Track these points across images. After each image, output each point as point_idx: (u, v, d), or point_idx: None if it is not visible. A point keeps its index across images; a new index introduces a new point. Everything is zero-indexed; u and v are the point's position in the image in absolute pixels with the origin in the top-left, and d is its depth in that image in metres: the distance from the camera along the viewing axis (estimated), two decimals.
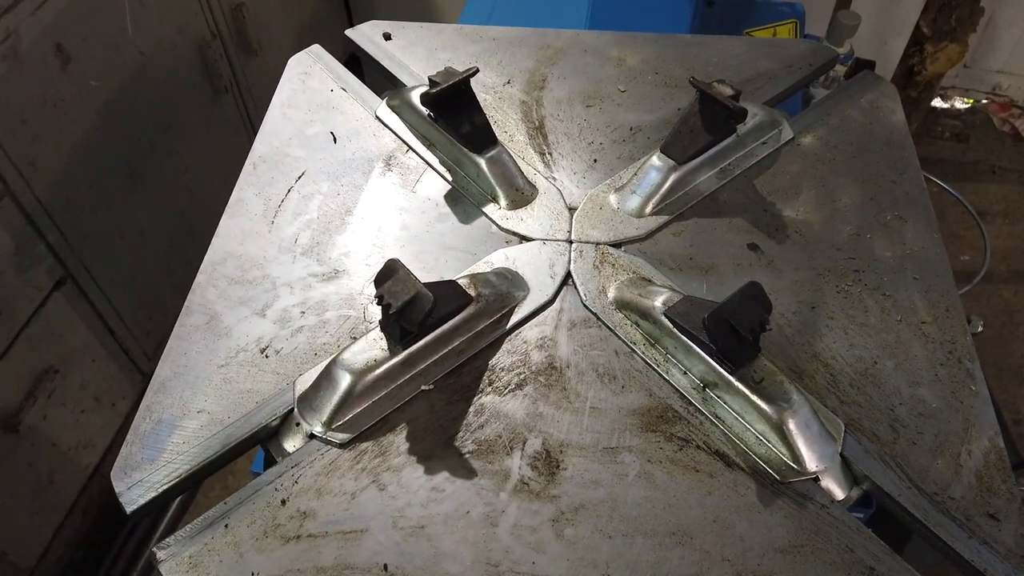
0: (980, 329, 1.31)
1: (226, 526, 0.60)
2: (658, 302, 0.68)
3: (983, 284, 2.13)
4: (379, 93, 0.90)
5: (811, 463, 0.61)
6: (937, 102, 2.50)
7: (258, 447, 0.67)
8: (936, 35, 2.05)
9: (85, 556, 1.75)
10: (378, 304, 0.62)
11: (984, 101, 2.48)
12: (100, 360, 1.61)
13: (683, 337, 0.65)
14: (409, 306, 0.61)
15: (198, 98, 1.75)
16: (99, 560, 1.75)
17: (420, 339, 0.65)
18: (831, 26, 1.32)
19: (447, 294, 0.67)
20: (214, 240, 0.77)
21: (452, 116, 0.79)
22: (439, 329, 0.66)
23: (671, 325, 0.66)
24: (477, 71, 0.77)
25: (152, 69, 1.58)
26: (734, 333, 0.60)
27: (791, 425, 0.61)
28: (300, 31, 2.09)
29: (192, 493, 1.85)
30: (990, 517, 0.59)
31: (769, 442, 0.62)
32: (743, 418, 0.63)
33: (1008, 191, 2.31)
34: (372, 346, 0.65)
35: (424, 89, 0.80)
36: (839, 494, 0.61)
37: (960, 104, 2.50)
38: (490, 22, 1.27)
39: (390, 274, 0.63)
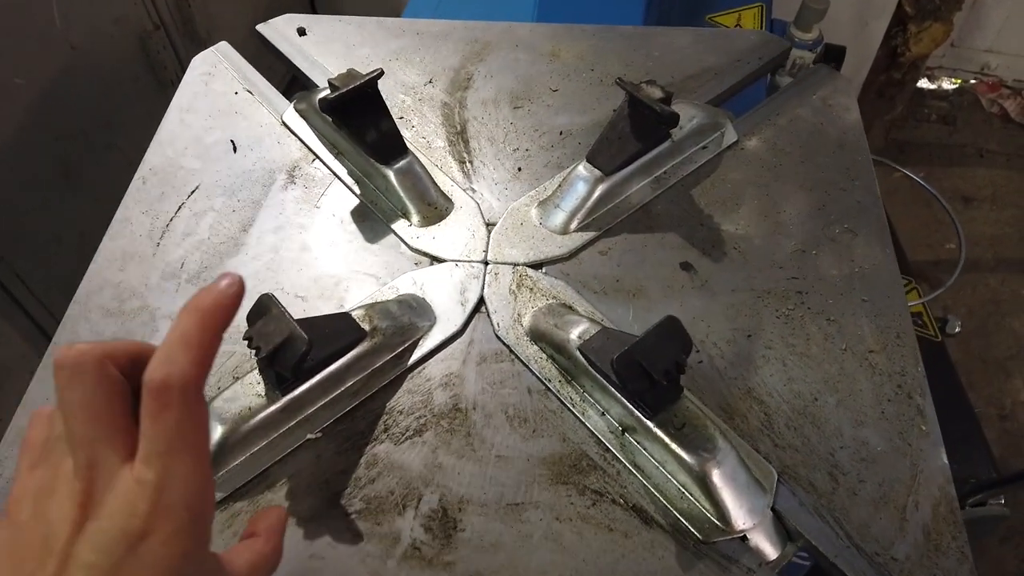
0: (957, 330, 1.25)
1: None
2: (574, 335, 0.60)
3: (968, 273, 2.06)
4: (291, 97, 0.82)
5: (738, 520, 0.54)
6: (924, 83, 2.41)
7: None
8: (920, 14, 1.96)
9: None
10: (248, 347, 0.55)
11: (972, 81, 2.39)
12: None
13: (598, 376, 0.58)
14: (281, 349, 0.54)
15: (141, 91, 1.67)
16: None
17: (299, 385, 0.58)
18: (800, 11, 1.23)
19: (337, 329, 0.60)
20: (91, 266, 0.70)
21: (357, 123, 0.71)
22: (328, 369, 0.59)
23: (586, 362, 0.59)
24: (382, 73, 0.69)
25: (87, 63, 1.50)
26: (647, 376, 0.52)
27: (715, 477, 0.54)
28: (253, 20, 1.99)
29: None
30: None
31: (692, 495, 0.55)
32: (664, 467, 0.56)
33: (996, 175, 2.23)
34: (248, 391, 0.58)
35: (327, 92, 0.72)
36: (770, 554, 0.54)
37: (947, 85, 2.41)
38: (437, 13, 1.19)
39: (262, 312, 0.55)
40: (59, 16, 1.42)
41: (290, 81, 1.10)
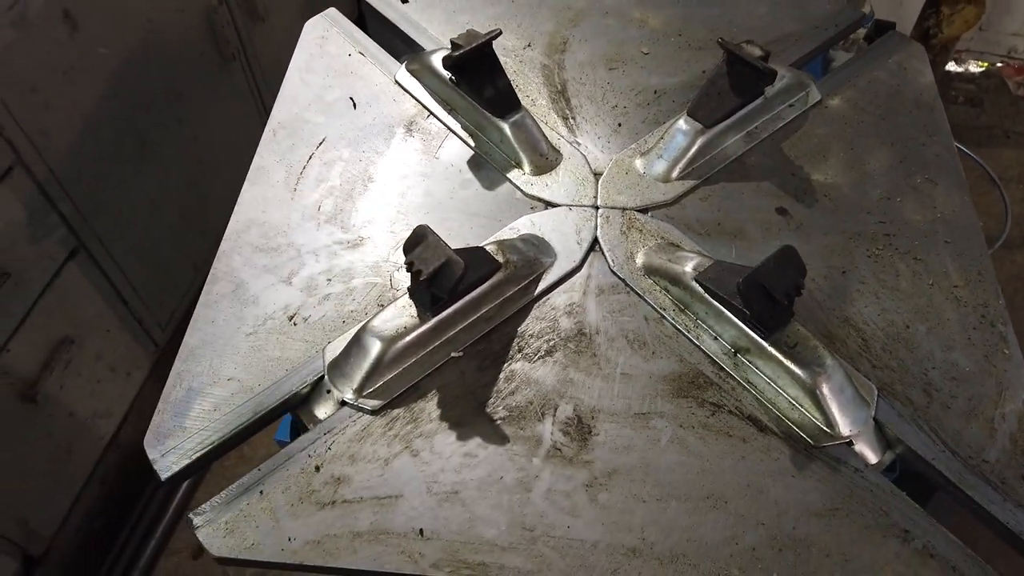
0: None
1: (261, 492, 0.60)
2: (688, 267, 0.67)
3: (999, 249, 2.12)
4: (394, 57, 0.89)
5: (845, 428, 0.61)
6: (951, 66, 2.46)
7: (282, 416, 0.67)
8: None
9: (104, 524, 1.77)
10: (408, 271, 0.62)
11: (999, 64, 2.44)
12: (114, 330, 1.61)
13: (715, 302, 0.65)
14: (440, 273, 0.61)
15: (206, 66, 1.73)
16: (118, 528, 1.77)
17: (450, 306, 0.65)
18: None
19: (476, 260, 0.67)
20: (237, 208, 0.77)
21: (474, 80, 0.78)
22: (468, 296, 0.66)
23: (702, 290, 0.65)
24: (500, 33, 0.76)
25: (160, 36, 1.56)
26: (769, 297, 0.59)
27: (825, 390, 0.61)
28: None
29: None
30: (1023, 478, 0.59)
31: (802, 407, 0.62)
32: (776, 383, 0.63)
33: (1022, 156, 2.29)
34: (401, 313, 0.65)
35: (445, 52, 0.79)
36: (873, 458, 0.61)
37: (975, 68, 2.46)
38: None
39: (419, 240, 0.62)
40: None
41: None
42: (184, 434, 0.63)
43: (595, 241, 0.73)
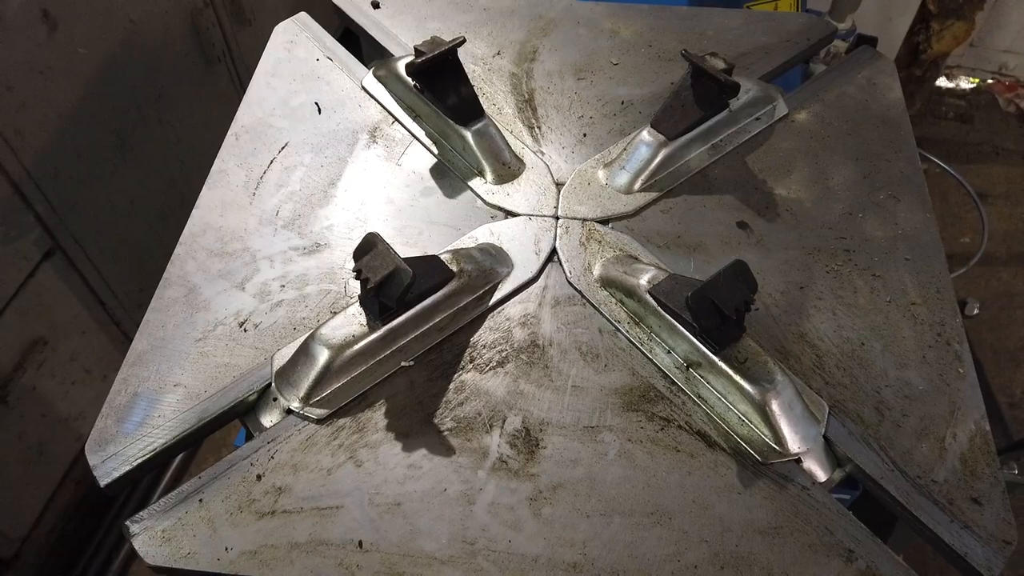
0: (976, 312, 1.30)
1: (200, 500, 0.59)
2: (643, 280, 0.66)
3: (982, 266, 2.12)
4: (369, 64, 0.88)
5: (793, 444, 0.60)
6: (942, 82, 2.46)
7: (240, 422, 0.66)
8: (942, 12, 2.01)
9: (77, 527, 1.75)
10: (356, 279, 0.61)
11: (990, 81, 2.45)
12: (90, 332, 1.60)
13: (667, 316, 0.64)
14: (388, 281, 0.60)
15: (190, 67, 1.73)
16: (91, 531, 1.76)
17: (400, 315, 0.64)
18: (834, 1, 1.29)
19: (429, 269, 0.66)
20: (194, 212, 0.76)
21: (438, 87, 0.77)
22: (420, 305, 0.65)
23: (655, 304, 0.65)
24: (464, 41, 0.75)
25: (142, 37, 1.56)
26: (717, 312, 0.58)
27: (774, 406, 0.60)
28: (296, 0, 2.05)
29: (192, 454, 1.86)
30: (973, 501, 0.58)
31: (751, 423, 0.61)
32: (726, 398, 0.62)
33: (1011, 172, 2.29)
34: (351, 321, 0.64)
35: (410, 59, 0.78)
36: (821, 476, 0.60)
37: (965, 84, 2.46)
38: None
39: (369, 248, 0.62)
40: None
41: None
42: (127, 440, 0.62)
43: (553, 251, 0.73)
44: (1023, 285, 2.06)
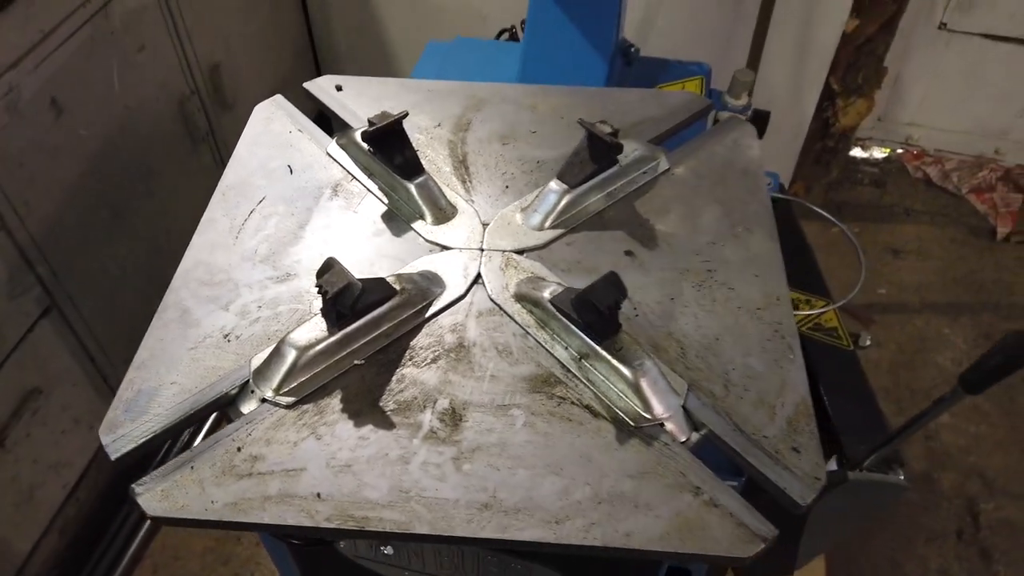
0: (868, 343, 1.49)
1: (192, 467, 0.75)
2: (546, 293, 0.85)
3: (898, 314, 2.33)
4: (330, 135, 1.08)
5: (658, 411, 0.77)
6: (857, 152, 2.74)
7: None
8: (845, 91, 2.29)
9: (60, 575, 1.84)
10: (318, 292, 0.79)
11: (899, 151, 2.72)
12: (80, 385, 1.74)
13: (563, 319, 0.82)
14: (342, 293, 0.78)
15: (177, 147, 1.93)
16: None
17: (353, 322, 0.82)
18: (731, 83, 1.53)
19: (377, 287, 0.84)
20: (187, 252, 0.94)
21: (387, 150, 0.97)
22: (369, 315, 0.83)
23: (555, 310, 0.83)
24: (407, 114, 0.95)
25: (136, 121, 1.76)
26: (595, 309, 0.77)
27: (643, 383, 0.78)
28: (272, 87, 2.28)
29: None
30: (793, 450, 0.75)
31: (627, 397, 0.79)
32: (608, 380, 0.80)
33: (921, 231, 2.53)
34: (314, 328, 0.81)
35: (365, 128, 0.98)
36: (680, 436, 0.77)
37: (878, 154, 2.74)
38: (439, 76, 1.47)
39: (328, 268, 0.79)
40: (118, 81, 1.69)
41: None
42: (132, 425, 0.78)
43: (479, 276, 0.91)
44: (934, 331, 2.27)
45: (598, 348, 0.80)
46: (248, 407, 0.80)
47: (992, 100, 2.51)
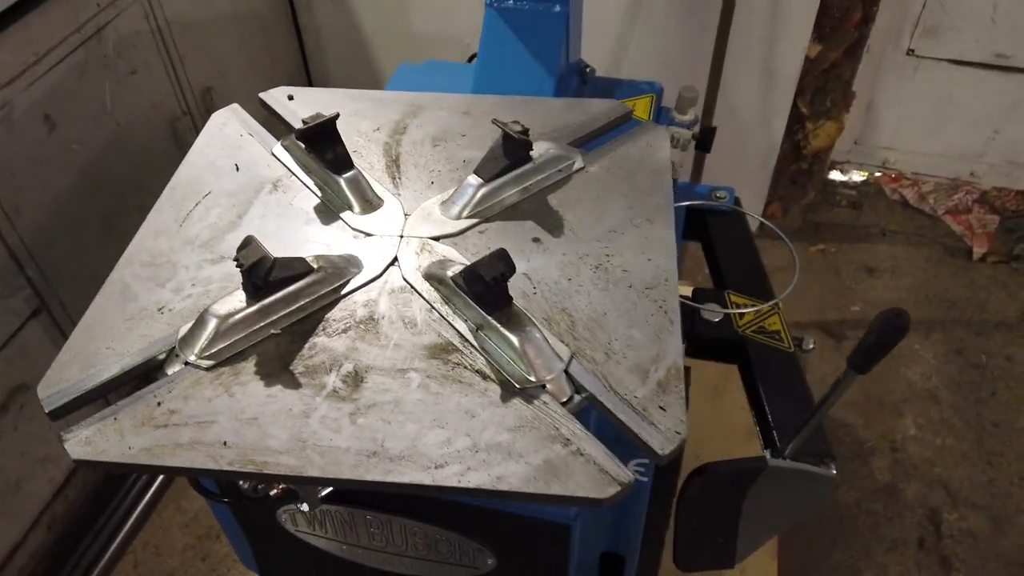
0: (811, 347, 1.55)
1: (115, 419, 0.83)
2: (450, 272, 0.93)
3: None
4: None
5: (541, 375, 0.84)
6: (836, 175, 2.80)
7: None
8: (813, 115, 2.37)
9: (47, 569, 1.93)
10: (236, 266, 0.87)
11: (877, 174, 2.78)
12: None
13: (462, 294, 0.90)
14: (256, 265, 0.87)
15: (168, 163, 2.03)
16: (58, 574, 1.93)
17: (270, 295, 0.90)
18: (678, 99, 1.61)
19: (295, 264, 0.93)
20: (135, 238, 1.03)
21: (320, 148, 1.06)
22: (286, 289, 0.91)
23: (454, 285, 0.91)
24: (338, 115, 1.05)
25: (128, 138, 1.89)
26: (482, 280, 0.85)
27: (528, 349, 0.85)
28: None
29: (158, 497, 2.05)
30: (660, 408, 0.82)
31: (515, 363, 0.86)
32: (499, 348, 0.87)
33: (896, 250, 2.58)
34: (234, 299, 0.90)
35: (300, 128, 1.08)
36: (561, 397, 0.84)
37: (856, 177, 2.80)
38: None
39: (247, 245, 0.88)
40: (110, 100, 1.82)
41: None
42: (68, 383, 0.87)
43: (395, 259, 0.99)
44: (905, 346, 2.31)
45: (489, 318, 0.87)
46: (173, 369, 0.88)
47: (964, 124, 2.57)
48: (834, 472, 1.34)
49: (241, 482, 0.93)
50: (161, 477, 2.04)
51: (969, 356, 2.29)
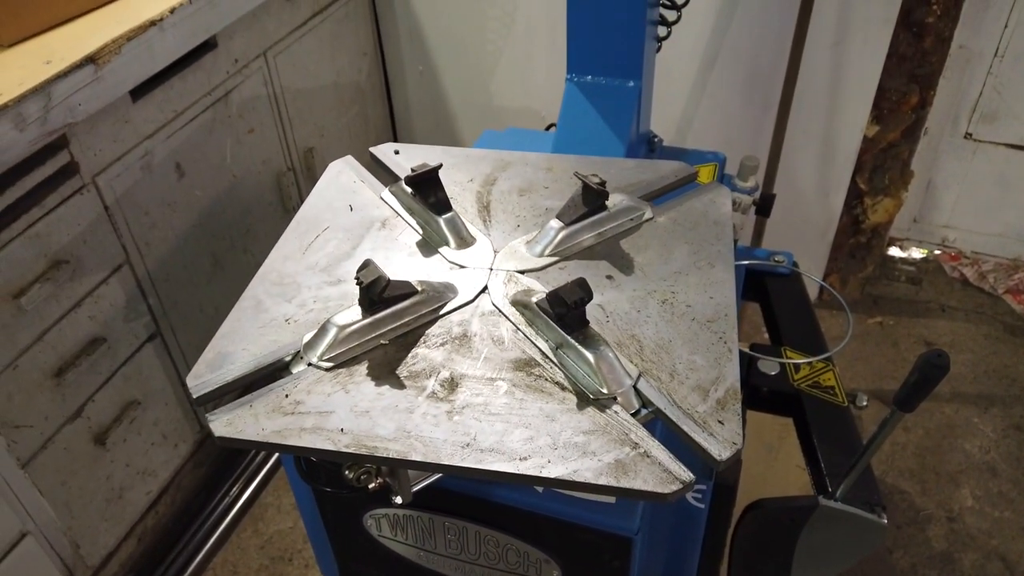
0: (865, 403, 1.63)
1: (251, 406, 0.99)
2: (534, 299, 1.07)
3: (928, 401, 2.40)
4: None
5: (613, 388, 0.97)
6: (896, 251, 2.88)
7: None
8: (872, 191, 2.48)
9: None
10: (356, 284, 1.04)
11: (937, 252, 2.85)
12: (171, 404, 2.03)
13: (545, 317, 1.04)
14: (373, 283, 1.03)
15: (271, 212, 2.28)
16: None
17: (382, 310, 1.06)
18: (740, 167, 1.76)
19: (403, 286, 1.08)
20: (264, 263, 1.21)
21: (424, 192, 1.23)
22: (394, 307, 1.07)
23: (539, 310, 1.05)
24: (441, 165, 1.23)
25: (241, 187, 2.12)
26: (564, 303, 0.99)
27: (602, 366, 0.98)
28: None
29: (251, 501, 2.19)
30: (719, 423, 0.93)
31: (589, 376, 0.99)
32: (576, 364, 1.00)
33: (956, 327, 2.62)
34: (352, 313, 1.06)
35: (409, 175, 1.26)
36: (630, 409, 0.96)
37: (916, 254, 2.87)
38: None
39: (365, 266, 1.05)
40: (230, 154, 2.06)
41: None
42: (211, 376, 1.03)
43: (486, 287, 1.14)
44: (963, 419, 2.34)
45: (568, 338, 1.01)
46: (297, 369, 1.04)
47: (1022, 207, 2.64)
48: (885, 520, 1.41)
49: (347, 472, 1.06)
50: (245, 496, 2.20)
51: None
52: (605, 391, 0.97)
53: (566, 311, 1.00)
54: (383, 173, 1.44)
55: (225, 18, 1.90)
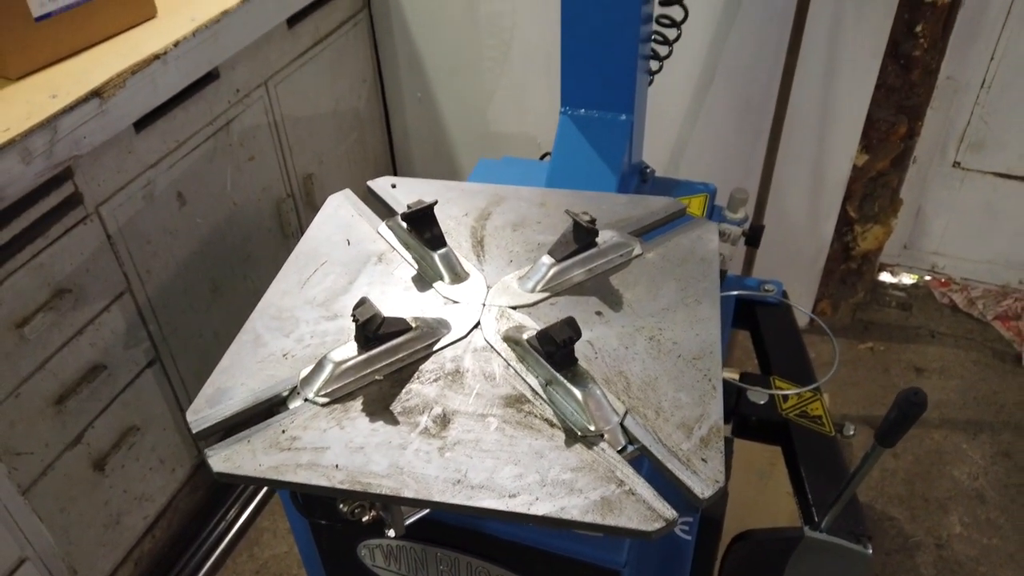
0: (852, 432, 1.66)
1: (248, 441, 1.01)
2: (525, 336, 1.10)
3: (917, 427, 2.43)
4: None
5: (600, 425, 1.00)
6: (886, 277, 2.91)
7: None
8: (862, 219, 2.52)
9: None
10: (352, 320, 1.07)
11: (927, 278, 2.88)
12: (169, 430, 2.05)
13: (535, 354, 1.07)
14: (369, 320, 1.06)
15: (271, 239, 2.31)
16: None
17: (377, 346, 1.09)
18: (729, 199, 1.79)
19: (397, 323, 1.12)
20: (264, 297, 1.24)
21: (420, 228, 1.27)
22: (389, 343, 1.10)
23: (529, 346, 1.08)
24: (436, 202, 1.26)
25: (241, 215, 2.16)
26: (553, 341, 1.02)
27: (589, 403, 1.01)
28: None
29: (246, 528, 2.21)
30: (702, 460, 0.96)
31: (577, 413, 1.02)
32: (565, 400, 1.03)
33: (945, 352, 2.65)
34: (348, 349, 1.09)
35: (405, 211, 1.29)
36: (617, 446, 0.99)
37: (906, 280, 2.91)
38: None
39: (361, 304, 1.08)
40: (230, 182, 2.09)
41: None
42: (211, 411, 1.06)
43: (478, 323, 1.17)
44: (951, 445, 2.36)
45: (557, 375, 1.04)
46: (294, 405, 1.07)
47: (1011, 234, 2.68)
48: (870, 551, 1.43)
49: (341, 506, 1.09)
50: (241, 521, 2.21)
51: (1017, 459, 2.32)
52: (592, 428, 1.00)
53: (555, 349, 1.03)
54: (380, 206, 1.47)
55: (227, 50, 1.94)
